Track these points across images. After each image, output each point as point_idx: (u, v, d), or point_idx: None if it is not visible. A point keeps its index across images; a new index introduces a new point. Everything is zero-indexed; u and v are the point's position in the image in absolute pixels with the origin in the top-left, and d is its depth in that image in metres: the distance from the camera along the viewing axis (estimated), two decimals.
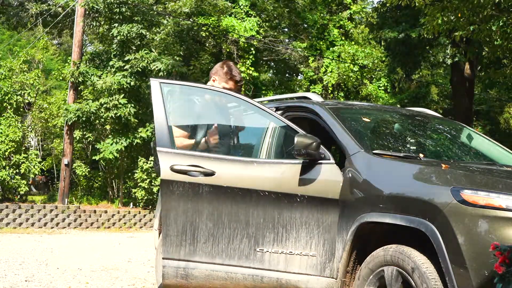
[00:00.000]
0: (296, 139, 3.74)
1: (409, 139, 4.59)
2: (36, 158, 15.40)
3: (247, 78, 19.17)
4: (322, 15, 20.56)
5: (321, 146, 3.79)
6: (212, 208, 3.88)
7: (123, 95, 14.92)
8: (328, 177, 3.79)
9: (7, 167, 14.51)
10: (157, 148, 3.99)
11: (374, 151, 3.81)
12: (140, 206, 15.33)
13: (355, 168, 3.72)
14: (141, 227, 14.75)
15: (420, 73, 25.12)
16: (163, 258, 3.90)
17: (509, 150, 4.76)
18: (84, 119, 15.09)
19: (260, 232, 3.81)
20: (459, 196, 3.09)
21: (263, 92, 20.36)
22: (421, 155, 4.02)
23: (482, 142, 4.83)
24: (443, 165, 3.52)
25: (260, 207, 3.82)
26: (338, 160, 4.35)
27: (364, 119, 4.51)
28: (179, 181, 3.87)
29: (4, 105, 15.32)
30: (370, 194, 3.58)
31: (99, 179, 18.20)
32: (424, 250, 3.22)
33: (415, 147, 4.42)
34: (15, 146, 14.71)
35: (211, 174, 3.89)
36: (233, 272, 3.85)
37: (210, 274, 3.90)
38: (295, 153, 3.77)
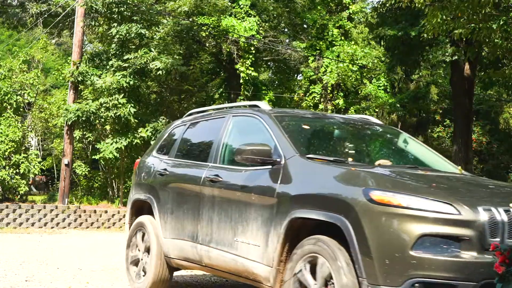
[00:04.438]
0: (242, 147, 4.43)
1: (343, 144, 5.19)
2: (36, 158, 15.39)
3: (247, 78, 19.17)
4: (321, 15, 20.55)
5: (267, 152, 4.39)
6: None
7: (122, 94, 14.92)
8: (270, 178, 4.36)
9: (7, 167, 14.51)
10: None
11: (308, 156, 4.34)
12: None
13: (290, 170, 4.26)
14: None
15: (420, 73, 25.12)
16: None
17: (440, 155, 5.36)
18: (84, 119, 15.09)
19: (236, 225, 4.60)
20: (368, 195, 3.57)
21: (263, 92, 20.36)
22: (350, 159, 4.59)
23: (417, 148, 5.44)
24: (353, 168, 4.06)
25: (236, 205, 4.64)
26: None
27: (304, 126, 5.05)
28: None
29: (4, 105, 15.31)
30: (300, 193, 4.10)
31: (99, 179, 18.21)
32: (342, 241, 3.69)
33: (348, 152, 5.03)
34: (15, 146, 14.71)
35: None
36: (212, 251, 4.86)
37: (192, 250, 5.14)
38: (243, 159, 4.43)
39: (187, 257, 5.29)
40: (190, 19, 18.55)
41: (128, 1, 15.42)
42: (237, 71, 19.34)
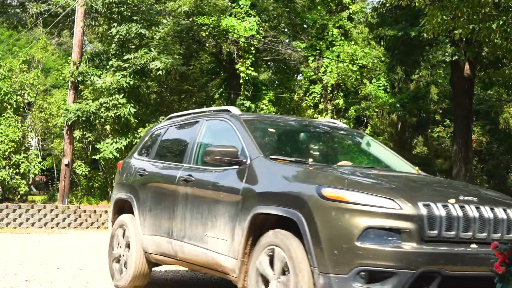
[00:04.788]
0: (211, 149, 4.82)
1: (307, 146, 5.59)
2: (36, 158, 15.39)
3: (247, 78, 19.16)
4: (321, 15, 20.54)
5: (234, 153, 4.76)
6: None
7: (122, 94, 14.92)
8: (236, 178, 4.73)
9: (7, 167, 14.51)
10: None
11: (271, 156, 4.72)
12: None
13: (254, 170, 4.63)
14: None
15: (420, 73, 25.11)
16: None
17: (400, 157, 5.80)
18: (84, 119, 15.09)
19: (206, 221, 4.95)
20: (320, 192, 3.94)
21: (263, 92, 20.36)
22: (311, 160, 4.96)
23: (379, 150, 5.89)
24: (310, 168, 4.49)
25: (206, 203, 5.01)
26: None
27: (270, 129, 5.43)
28: None
29: (4, 105, 15.32)
30: (262, 191, 4.47)
31: (99, 179, 18.20)
32: (298, 234, 4.03)
33: (311, 153, 5.44)
34: (15, 146, 14.71)
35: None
36: (185, 246, 5.22)
37: (167, 245, 5.48)
38: (211, 160, 4.81)
39: (163, 252, 5.62)
40: (190, 19, 18.54)
41: (128, 1, 15.41)
42: (237, 71, 19.33)
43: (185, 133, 6.07)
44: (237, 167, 4.77)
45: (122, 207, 6.52)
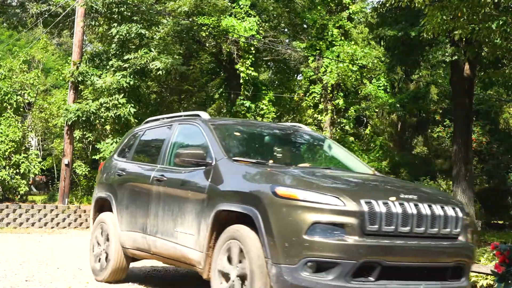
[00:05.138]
0: (180, 151, 5.29)
1: (270, 148, 6.08)
2: (36, 158, 15.39)
3: (247, 78, 19.16)
4: (321, 15, 20.53)
5: (201, 155, 5.20)
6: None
7: (122, 94, 14.92)
8: (202, 178, 5.17)
9: (7, 167, 14.51)
10: None
11: (234, 158, 5.18)
12: None
13: (219, 170, 5.07)
14: None
15: (420, 73, 25.09)
16: None
17: (358, 158, 6.30)
18: (84, 119, 15.08)
19: (176, 217, 5.41)
20: (274, 191, 4.37)
21: (263, 92, 20.35)
22: (271, 161, 5.39)
23: (339, 152, 6.35)
24: (268, 169, 4.90)
25: (176, 201, 5.46)
26: None
27: (235, 133, 5.94)
28: None
29: (4, 105, 15.31)
30: (225, 190, 4.91)
31: None
32: (254, 229, 4.46)
33: (274, 155, 5.94)
34: (15, 146, 14.70)
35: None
36: (158, 240, 5.66)
37: (142, 240, 5.93)
38: (180, 161, 5.28)
39: (139, 247, 6.07)
40: (190, 19, 18.54)
41: (128, 1, 15.41)
42: (237, 71, 19.33)
43: (160, 136, 6.47)
44: (204, 167, 5.21)
45: (103, 205, 6.94)
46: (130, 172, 6.57)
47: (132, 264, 6.81)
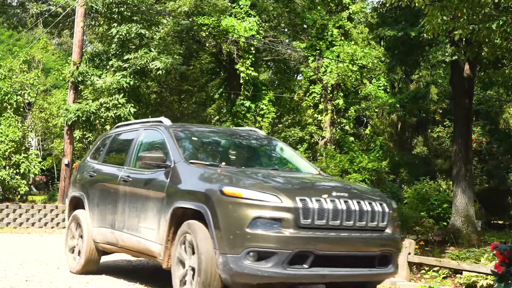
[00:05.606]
0: (142, 155, 5.90)
1: (225, 152, 6.64)
2: (36, 158, 15.40)
3: (247, 78, 19.16)
4: (321, 15, 20.52)
5: (161, 158, 5.78)
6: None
7: (122, 94, 14.92)
8: (163, 178, 5.76)
9: (7, 167, 14.51)
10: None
11: (190, 161, 5.76)
12: None
13: (177, 172, 5.67)
14: None
15: (420, 73, 25.08)
16: None
17: (306, 160, 6.99)
18: (84, 119, 15.08)
19: (140, 214, 6.00)
20: (221, 190, 4.96)
21: (263, 92, 20.35)
22: (223, 164, 5.94)
23: (289, 155, 6.97)
24: (219, 170, 5.48)
25: (140, 199, 6.06)
26: None
27: (193, 138, 6.46)
28: None
29: (4, 105, 15.32)
30: (181, 189, 5.52)
31: None
32: (205, 223, 5.03)
33: (228, 158, 6.46)
34: (15, 146, 14.71)
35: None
36: (124, 235, 6.28)
37: (111, 235, 6.54)
38: (143, 164, 5.87)
39: (108, 241, 6.66)
40: (190, 19, 18.53)
41: (128, 1, 15.40)
42: (237, 71, 19.33)
43: (127, 140, 7.10)
44: (164, 169, 5.79)
45: (77, 204, 7.50)
46: (101, 173, 7.18)
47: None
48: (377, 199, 5.33)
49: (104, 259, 7.67)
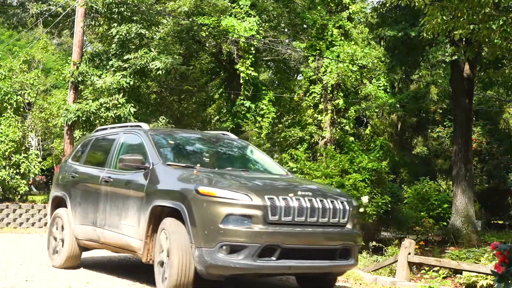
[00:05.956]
0: (122, 157, 6.31)
1: (199, 154, 7.11)
2: (36, 158, 15.39)
3: (247, 78, 19.15)
4: (321, 15, 20.51)
5: (140, 160, 6.22)
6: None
7: (122, 94, 14.91)
8: (142, 179, 6.21)
9: (7, 167, 14.51)
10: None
11: (168, 163, 6.24)
12: None
13: (155, 173, 6.12)
14: None
15: (420, 73, 25.08)
16: None
17: (274, 161, 7.52)
18: (84, 119, 15.07)
19: (121, 212, 6.42)
20: (197, 189, 5.45)
21: (263, 92, 20.34)
22: (198, 165, 6.31)
23: (259, 157, 7.47)
24: (195, 171, 5.88)
25: (121, 198, 6.48)
26: None
27: (170, 141, 6.92)
28: None
29: (4, 105, 15.32)
30: (159, 188, 5.96)
31: None
32: (182, 220, 5.52)
33: (202, 160, 6.94)
34: (15, 146, 14.71)
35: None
36: (106, 232, 6.68)
37: (92, 232, 6.95)
38: (123, 165, 6.28)
39: (90, 238, 7.06)
40: (190, 19, 18.53)
41: (128, 1, 15.40)
42: (237, 71, 19.32)
43: (107, 143, 7.50)
44: (143, 171, 6.23)
45: (59, 203, 7.88)
46: (83, 174, 7.58)
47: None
48: (339, 197, 5.86)
49: (104, 259, 7.69)
